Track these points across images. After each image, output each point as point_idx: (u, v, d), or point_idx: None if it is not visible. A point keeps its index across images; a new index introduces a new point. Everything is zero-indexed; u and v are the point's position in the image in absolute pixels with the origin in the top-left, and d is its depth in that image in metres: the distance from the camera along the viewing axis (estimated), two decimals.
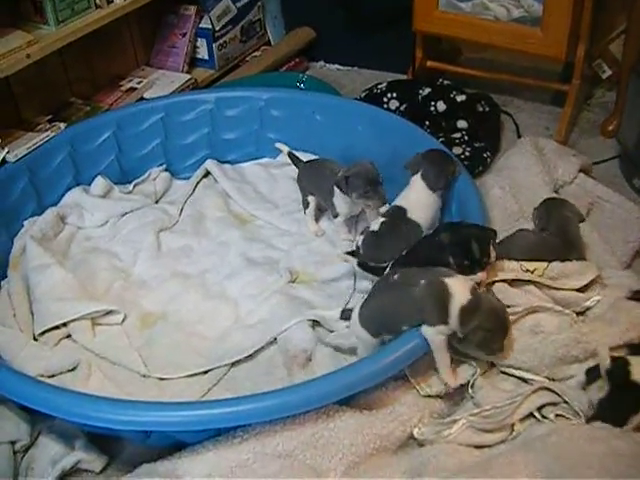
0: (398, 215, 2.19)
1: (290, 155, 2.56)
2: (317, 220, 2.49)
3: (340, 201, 2.32)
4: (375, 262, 2.15)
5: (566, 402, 1.74)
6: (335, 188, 2.29)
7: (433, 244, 1.98)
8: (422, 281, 1.76)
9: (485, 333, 1.72)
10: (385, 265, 2.08)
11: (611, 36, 3.20)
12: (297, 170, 2.51)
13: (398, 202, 2.22)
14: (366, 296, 1.92)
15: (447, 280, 1.74)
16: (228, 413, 1.62)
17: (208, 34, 3.26)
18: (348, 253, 2.21)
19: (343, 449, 1.66)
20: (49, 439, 1.81)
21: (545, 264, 1.98)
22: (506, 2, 2.95)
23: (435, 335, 1.74)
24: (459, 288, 1.73)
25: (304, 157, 2.64)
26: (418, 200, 2.21)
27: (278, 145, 2.64)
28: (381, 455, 1.70)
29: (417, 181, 2.21)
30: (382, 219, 2.19)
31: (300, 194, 2.48)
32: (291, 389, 1.70)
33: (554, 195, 2.36)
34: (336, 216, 2.37)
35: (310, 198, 2.44)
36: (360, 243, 2.18)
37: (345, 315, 1.95)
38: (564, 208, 2.20)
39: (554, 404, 1.76)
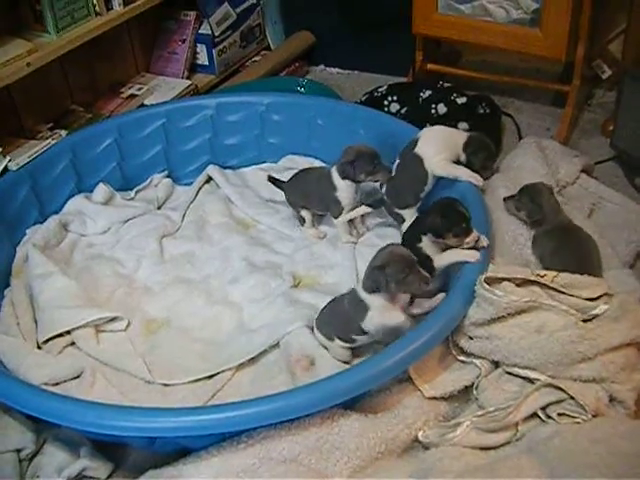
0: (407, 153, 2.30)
1: (270, 178, 2.55)
2: (316, 226, 2.50)
3: (344, 192, 2.34)
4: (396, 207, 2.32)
5: (572, 398, 1.73)
6: (336, 181, 2.32)
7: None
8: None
9: (373, 270, 1.85)
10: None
11: (610, 36, 3.20)
12: (284, 188, 2.51)
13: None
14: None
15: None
16: (233, 417, 1.62)
17: (208, 40, 3.26)
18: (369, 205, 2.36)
19: (348, 453, 1.67)
20: (54, 447, 1.81)
21: (555, 272, 1.98)
22: (505, 4, 2.96)
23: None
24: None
25: (306, 161, 2.65)
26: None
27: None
28: (386, 458, 1.70)
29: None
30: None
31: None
32: (295, 391, 1.70)
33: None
34: (337, 216, 2.38)
35: (304, 212, 2.45)
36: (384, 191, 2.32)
37: None
38: (548, 193, 2.22)
39: (558, 402, 1.75)
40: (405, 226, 2.30)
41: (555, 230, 2.17)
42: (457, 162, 2.28)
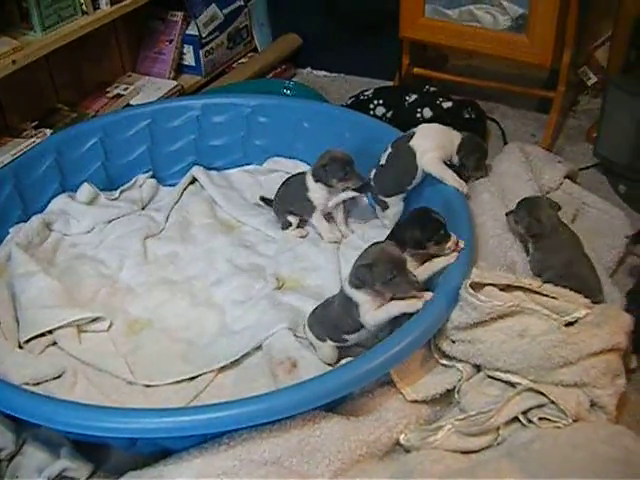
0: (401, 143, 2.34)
1: (262, 199, 2.58)
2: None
3: (316, 193, 2.38)
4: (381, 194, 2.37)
5: (553, 402, 1.74)
6: (309, 182, 2.37)
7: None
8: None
9: (361, 268, 1.83)
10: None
11: (596, 43, 3.22)
12: (279, 189, 2.52)
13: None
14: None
15: None
16: (214, 419, 1.62)
17: (195, 40, 3.26)
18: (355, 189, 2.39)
19: (330, 455, 1.67)
20: (34, 447, 1.80)
21: (540, 283, 1.99)
22: (493, 10, 2.97)
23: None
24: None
25: (291, 164, 2.66)
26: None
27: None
28: (367, 461, 1.70)
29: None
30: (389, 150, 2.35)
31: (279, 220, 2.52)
32: (276, 394, 1.70)
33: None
34: (310, 216, 2.43)
35: (290, 218, 2.46)
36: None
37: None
38: (545, 206, 2.20)
39: (539, 407, 1.76)
40: (389, 214, 2.38)
41: (557, 247, 2.17)
42: (449, 163, 2.32)
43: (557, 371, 1.81)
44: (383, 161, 2.34)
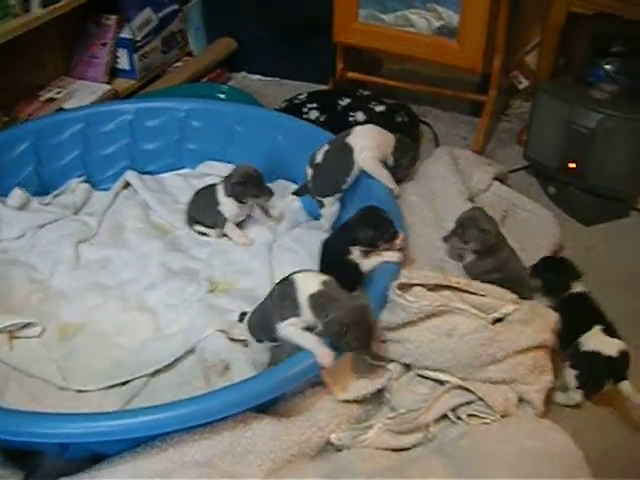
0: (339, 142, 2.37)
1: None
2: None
3: (227, 207, 2.41)
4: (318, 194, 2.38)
5: (481, 399, 1.78)
6: (219, 197, 2.40)
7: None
8: (277, 285, 1.86)
9: (341, 326, 1.71)
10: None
11: (527, 48, 3.30)
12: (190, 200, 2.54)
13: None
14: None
15: (294, 276, 1.82)
16: (143, 422, 1.62)
17: (129, 44, 3.25)
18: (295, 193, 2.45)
19: (262, 456, 1.68)
20: None
21: (468, 280, 2.03)
22: (427, 15, 3.01)
23: (286, 328, 1.78)
24: (305, 280, 1.80)
25: (224, 168, 2.65)
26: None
27: None
28: (300, 461, 1.72)
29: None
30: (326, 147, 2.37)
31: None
32: (205, 396, 1.69)
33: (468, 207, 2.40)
34: (222, 227, 2.45)
35: (197, 227, 2.50)
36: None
37: (241, 318, 2.01)
38: (486, 216, 2.21)
39: (468, 404, 1.80)
40: (325, 214, 2.39)
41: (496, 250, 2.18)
42: (384, 163, 2.35)
43: (485, 368, 1.85)
44: (319, 159, 2.35)
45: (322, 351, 1.73)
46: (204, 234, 2.49)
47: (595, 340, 1.95)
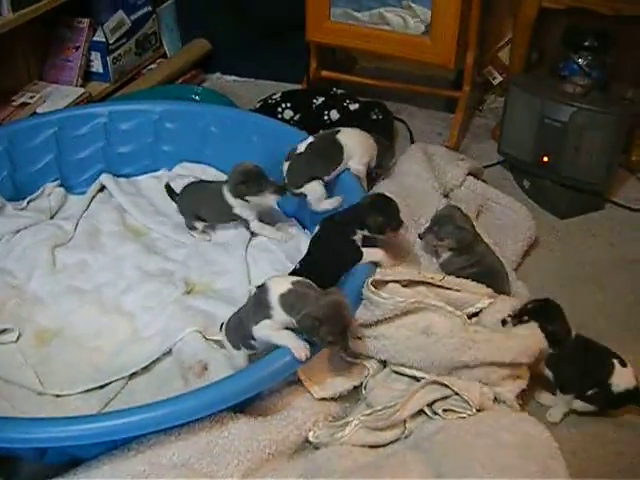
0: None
1: (167, 187, 2.57)
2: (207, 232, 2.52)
3: (240, 208, 2.38)
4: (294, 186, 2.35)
5: (456, 394, 1.79)
6: (230, 200, 2.36)
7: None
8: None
9: (313, 321, 1.71)
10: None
11: (500, 44, 3.31)
12: (176, 200, 2.54)
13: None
14: None
15: (266, 281, 1.85)
16: (119, 425, 1.62)
17: (102, 47, 3.23)
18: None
19: (239, 456, 1.68)
20: None
21: (442, 276, 2.04)
22: (402, 12, 3.02)
23: (260, 330, 1.79)
24: (276, 282, 1.82)
25: (200, 169, 2.66)
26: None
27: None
28: (277, 460, 1.73)
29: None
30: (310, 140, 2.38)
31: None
32: (180, 397, 1.70)
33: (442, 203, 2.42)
34: (249, 226, 2.44)
35: (197, 224, 2.48)
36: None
37: (222, 327, 2.00)
38: (461, 213, 2.21)
39: (444, 398, 1.80)
40: (311, 199, 2.34)
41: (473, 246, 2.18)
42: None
43: (459, 371, 1.86)
44: (302, 149, 2.35)
45: (296, 345, 1.74)
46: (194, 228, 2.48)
47: (621, 377, 1.90)
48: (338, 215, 2.14)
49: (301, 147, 2.35)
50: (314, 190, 2.32)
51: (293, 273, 2.04)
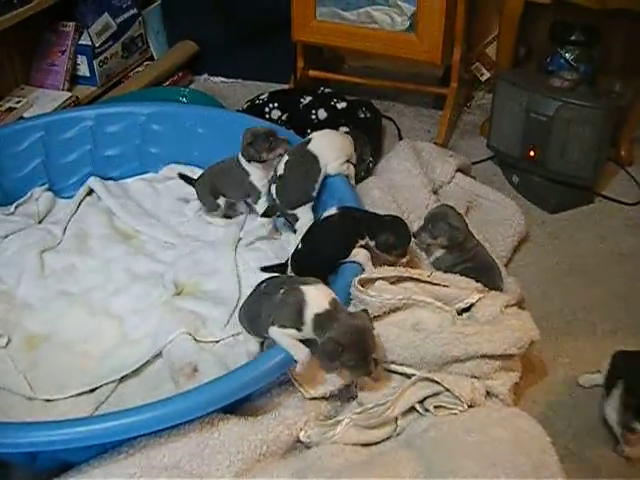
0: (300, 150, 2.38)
1: (180, 175, 2.56)
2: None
3: (256, 175, 2.41)
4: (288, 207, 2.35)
5: (447, 390, 1.78)
6: (245, 166, 2.41)
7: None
8: (282, 289, 1.81)
9: (336, 346, 1.70)
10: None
11: (487, 40, 3.31)
12: (195, 184, 2.53)
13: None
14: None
15: (304, 288, 1.79)
16: (109, 428, 1.61)
17: (88, 51, 3.23)
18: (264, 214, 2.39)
19: (230, 457, 1.67)
20: None
21: (429, 272, 2.04)
22: (390, 10, 3.02)
23: (282, 336, 1.77)
24: (316, 297, 1.77)
25: (187, 171, 2.65)
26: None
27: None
28: (269, 460, 1.71)
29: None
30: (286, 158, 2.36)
31: (203, 203, 2.53)
32: (169, 400, 1.69)
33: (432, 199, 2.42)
34: (256, 201, 2.46)
35: (220, 201, 2.49)
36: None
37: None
38: (455, 212, 2.21)
39: (435, 395, 1.79)
40: (300, 225, 2.33)
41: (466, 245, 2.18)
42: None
43: (450, 365, 1.85)
44: (281, 171, 2.34)
45: (304, 359, 1.75)
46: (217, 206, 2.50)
47: None
48: (358, 213, 2.14)
49: (280, 169, 2.34)
50: (304, 214, 2.34)
51: (295, 252, 2.10)
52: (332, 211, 2.13)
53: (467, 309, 2.00)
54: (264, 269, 2.20)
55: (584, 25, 2.85)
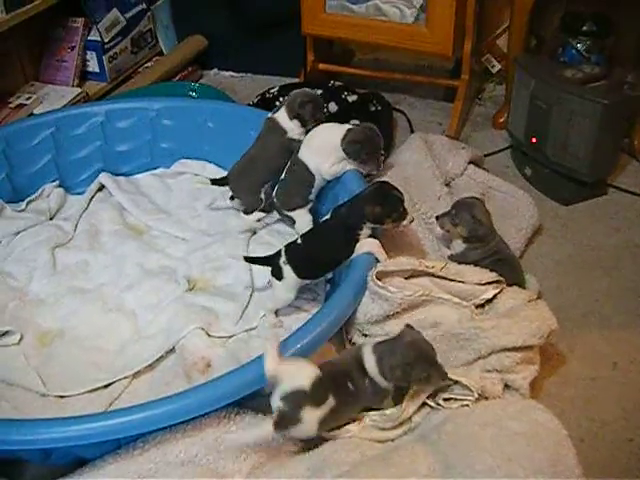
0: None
1: (213, 182, 2.48)
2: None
3: (294, 132, 2.37)
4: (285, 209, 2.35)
5: (456, 382, 1.77)
6: (284, 124, 2.38)
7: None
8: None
9: (404, 367, 1.69)
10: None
11: (498, 31, 3.29)
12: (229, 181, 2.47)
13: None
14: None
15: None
16: (122, 423, 1.61)
17: (97, 46, 3.23)
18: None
19: (246, 450, 1.67)
20: None
21: (444, 263, 2.01)
22: (398, 3, 3.00)
23: None
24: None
25: (199, 165, 2.67)
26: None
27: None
28: (284, 453, 1.71)
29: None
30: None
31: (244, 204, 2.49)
32: (183, 394, 1.68)
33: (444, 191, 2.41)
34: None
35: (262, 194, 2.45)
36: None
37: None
38: (482, 207, 2.19)
39: (444, 388, 1.79)
40: (298, 227, 2.33)
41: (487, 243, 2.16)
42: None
43: (474, 363, 1.85)
44: (282, 175, 2.35)
45: None
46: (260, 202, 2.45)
47: None
48: (344, 208, 2.06)
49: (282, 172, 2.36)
50: (301, 217, 2.34)
51: (294, 247, 2.06)
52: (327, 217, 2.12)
53: (482, 305, 1.99)
54: (248, 260, 2.17)
55: (596, 15, 2.82)
